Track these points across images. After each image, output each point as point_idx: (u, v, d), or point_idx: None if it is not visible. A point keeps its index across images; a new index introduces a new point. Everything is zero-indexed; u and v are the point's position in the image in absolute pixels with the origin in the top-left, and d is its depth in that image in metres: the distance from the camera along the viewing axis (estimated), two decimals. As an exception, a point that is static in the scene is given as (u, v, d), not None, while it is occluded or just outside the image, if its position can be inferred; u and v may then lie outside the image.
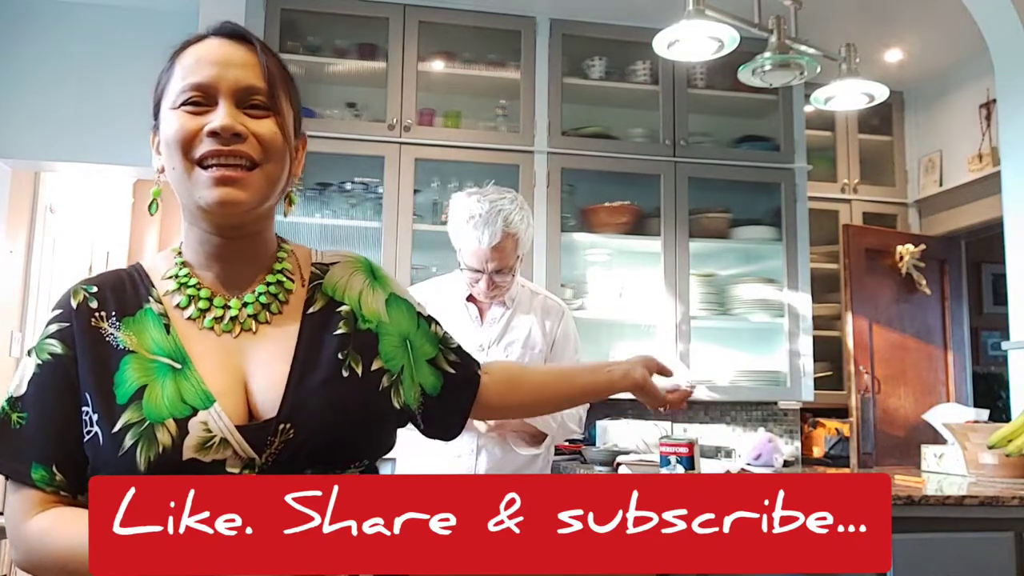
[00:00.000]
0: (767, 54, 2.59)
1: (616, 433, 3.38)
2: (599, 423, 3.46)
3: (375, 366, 1.05)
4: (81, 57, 3.80)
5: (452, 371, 1.17)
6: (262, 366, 1.00)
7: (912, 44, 4.12)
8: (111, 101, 3.77)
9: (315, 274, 1.09)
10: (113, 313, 1.01)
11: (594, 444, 3.43)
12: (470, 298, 2.20)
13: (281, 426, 0.95)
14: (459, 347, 1.21)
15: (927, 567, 1.97)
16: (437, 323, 1.20)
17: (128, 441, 0.91)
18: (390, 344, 1.08)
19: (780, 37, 2.59)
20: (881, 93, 2.81)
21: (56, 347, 0.99)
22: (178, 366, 0.97)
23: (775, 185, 3.89)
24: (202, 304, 1.02)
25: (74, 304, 1.01)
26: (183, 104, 0.98)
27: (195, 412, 0.93)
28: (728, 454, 3.44)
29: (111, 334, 0.99)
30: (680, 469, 2.02)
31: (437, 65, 3.77)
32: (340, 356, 1.02)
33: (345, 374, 1.01)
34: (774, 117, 3.99)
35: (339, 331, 1.04)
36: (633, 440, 3.25)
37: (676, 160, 3.78)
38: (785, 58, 2.58)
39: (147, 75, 1.09)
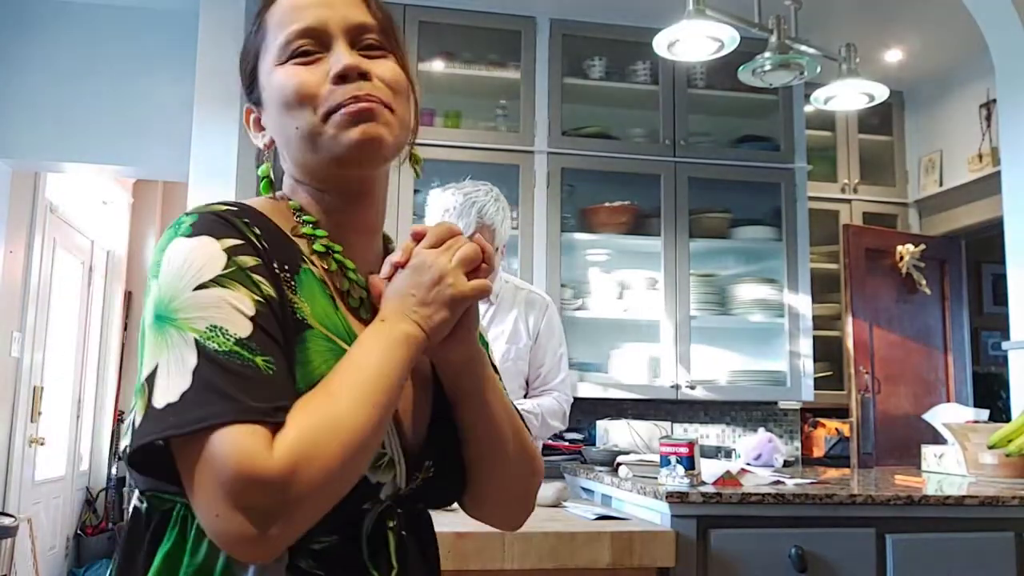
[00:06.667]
0: (767, 54, 2.59)
1: (616, 433, 3.37)
2: (599, 423, 3.45)
3: None
4: (81, 57, 3.79)
5: None
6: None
7: (912, 44, 4.12)
8: (111, 101, 3.76)
9: None
10: (286, 267, 0.75)
11: (594, 444, 3.42)
12: None
13: (427, 463, 0.81)
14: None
15: (927, 567, 1.97)
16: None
17: None
18: None
19: (780, 37, 2.59)
20: (881, 93, 2.81)
21: (268, 287, 0.72)
22: None
23: (775, 185, 3.89)
24: (352, 276, 0.82)
25: (251, 236, 0.74)
26: (291, 57, 0.81)
27: None
28: (728, 454, 3.43)
29: (288, 296, 0.74)
30: (680, 469, 2.02)
31: (437, 65, 3.77)
32: None
33: None
34: (774, 117, 3.98)
35: None
36: (633, 440, 3.24)
37: (676, 160, 3.78)
38: (785, 58, 2.58)
39: (147, 75, 1.08)
